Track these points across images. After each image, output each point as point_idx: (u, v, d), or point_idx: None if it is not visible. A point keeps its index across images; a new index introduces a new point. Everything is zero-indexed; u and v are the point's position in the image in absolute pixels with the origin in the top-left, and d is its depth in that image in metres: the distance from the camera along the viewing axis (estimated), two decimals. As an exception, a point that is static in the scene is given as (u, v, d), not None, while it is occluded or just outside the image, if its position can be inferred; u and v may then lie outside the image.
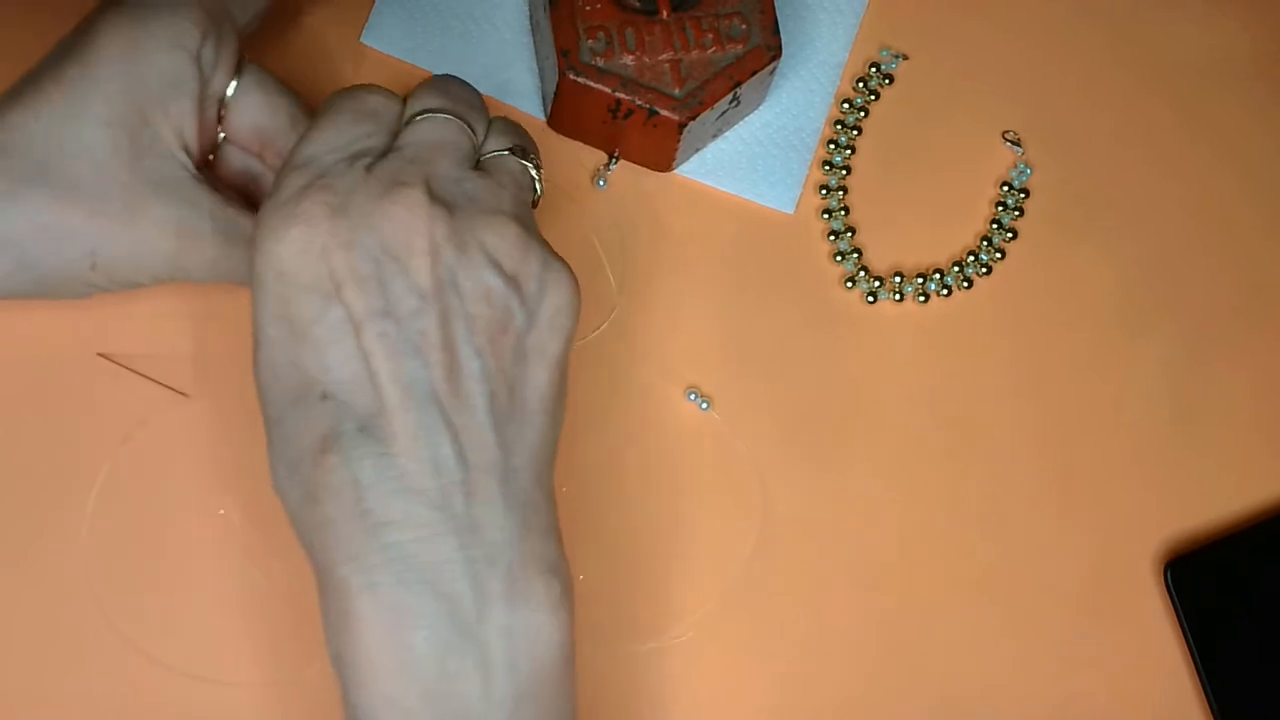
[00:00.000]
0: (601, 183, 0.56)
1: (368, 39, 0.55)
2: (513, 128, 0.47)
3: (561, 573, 0.43)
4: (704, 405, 0.54)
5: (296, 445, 0.42)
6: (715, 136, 0.56)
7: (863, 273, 0.56)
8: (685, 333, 0.55)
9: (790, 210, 0.56)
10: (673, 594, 0.53)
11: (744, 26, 0.53)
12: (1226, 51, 0.60)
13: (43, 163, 0.46)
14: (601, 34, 0.52)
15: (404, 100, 0.46)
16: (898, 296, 0.56)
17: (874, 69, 0.58)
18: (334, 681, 0.50)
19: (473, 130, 0.45)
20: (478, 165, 0.45)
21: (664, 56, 0.53)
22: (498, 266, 0.43)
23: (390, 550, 0.41)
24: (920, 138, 0.58)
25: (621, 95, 0.52)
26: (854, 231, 0.57)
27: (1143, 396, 0.57)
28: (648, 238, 0.55)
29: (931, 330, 0.56)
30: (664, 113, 0.52)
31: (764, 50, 0.53)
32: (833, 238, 0.56)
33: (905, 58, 0.58)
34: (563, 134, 0.56)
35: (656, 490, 0.54)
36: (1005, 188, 0.57)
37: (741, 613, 0.53)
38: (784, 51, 0.54)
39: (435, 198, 0.42)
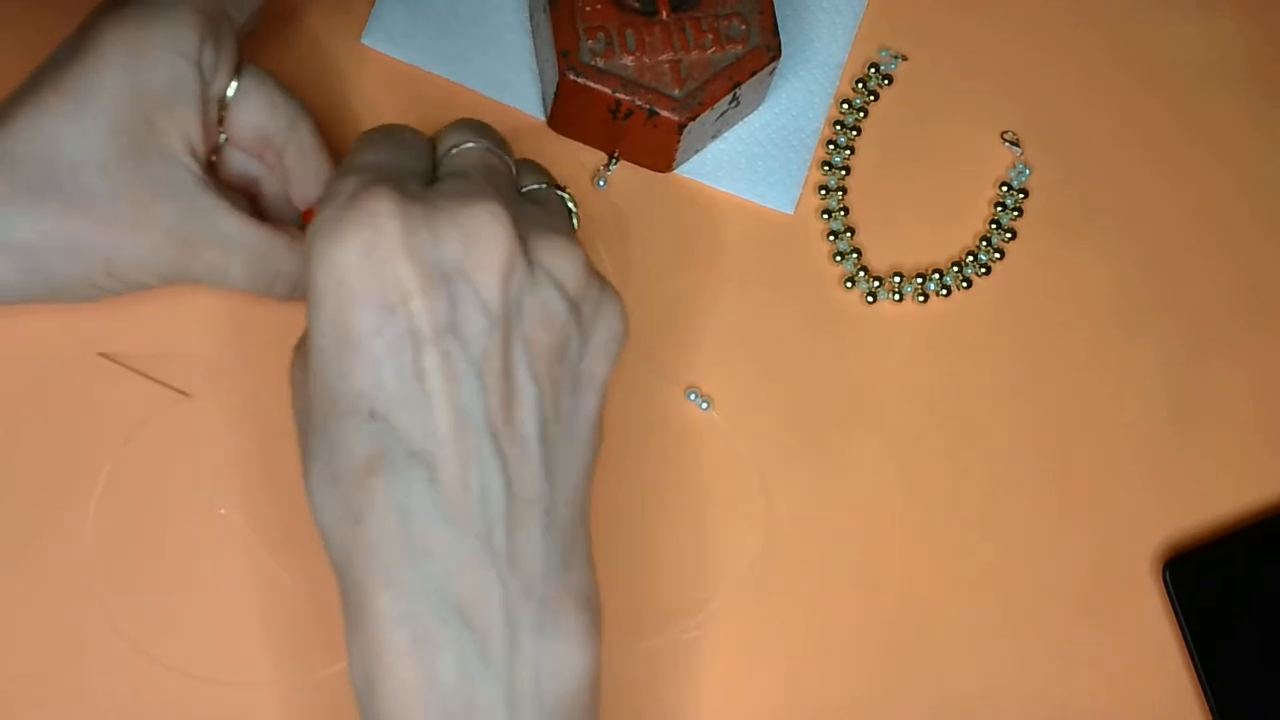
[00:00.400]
0: (601, 183, 0.56)
1: (368, 40, 0.55)
2: (539, 166, 0.47)
3: (594, 604, 0.43)
4: (704, 405, 0.54)
5: (340, 461, 0.41)
6: (715, 137, 0.56)
7: (862, 273, 0.56)
8: (685, 333, 0.55)
9: (790, 211, 0.56)
10: (672, 595, 0.53)
11: (743, 27, 0.53)
12: (1223, 52, 0.60)
13: (49, 172, 0.45)
14: (601, 34, 0.52)
15: (430, 142, 0.46)
16: (897, 297, 0.56)
17: (873, 69, 0.58)
18: (333, 683, 0.50)
19: (509, 164, 0.45)
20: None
21: (664, 57, 0.53)
22: (563, 290, 0.42)
23: (430, 581, 0.40)
24: (919, 138, 0.58)
25: (621, 96, 0.52)
26: (853, 232, 0.57)
27: (1142, 396, 0.57)
28: (647, 238, 0.55)
29: (931, 330, 0.56)
30: (664, 113, 0.52)
31: (763, 51, 0.53)
32: (832, 238, 0.56)
33: (904, 58, 0.58)
34: (563, 134, 0.56)
35: (656, 490, 0.54)
36: (1004, 188, 0.58)
37: (742, 613, 0.53)
38: (783, 52, 0.54)
39: (504, 213, 0.41)
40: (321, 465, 0.41)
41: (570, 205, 0.47)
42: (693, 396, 0.54)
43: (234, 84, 0.49)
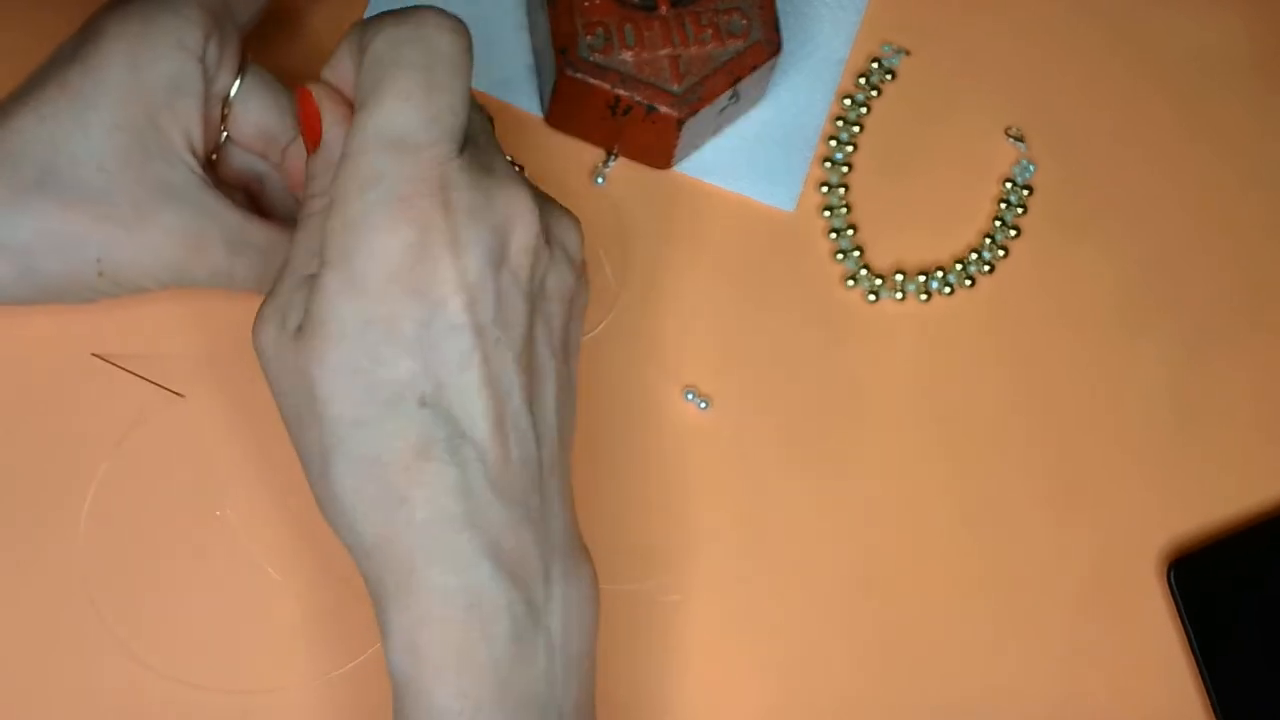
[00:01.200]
0: (600, 180, 0.55)
1: (364, 35, 0.55)
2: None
3: (587, 550, 0.45)
4: (702, 405, 0.54)
5: (381, 446, 0.41)
6: (715, 133, 0.56)
7: (864, 271, 0.56)
8: (685, 331, 0.55)
9: (791, 208, 0.56)
10: (669, 595, 0.53)
11: (744, 22, 0.53)
12: (1226, 48, 0.59)
13: (49, 169, 0.45)
14: (600, 30, 0.52)
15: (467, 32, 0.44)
16: (899, 295, 0.56)
17: (876, 65, 0.57)
18: (335, 686, 0.50)
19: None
20: None
21: (663, 52, 0.52)
22: (575, 265, 0.44)
23: (481, 550, 0.41)
24: (922, 134, 0.57)
25: (620, 92, 0.52)
26: (855, 229, 0.56)
27: (1145, 395, 0.56)
28: (647, 236, 0.55)
29: (933, 329, 0.56)
30: (663, 109, 0.52)
31: (764, 46, 0.53)
32: (834, 235, 0.56)
33: (907, 53, 0.58)
34: (561, 131, 0.55)
35: (655, 491, 0.53)
36: (1008, 185, 0.57)
37: (741, 613, 0.53)
38: (784, 47, 0.54)
39: (530, 191, 0.42)
40: (355, 455, 0.41)
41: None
42: (690, 396, 0.54)
43: (237, 82, 0.48)
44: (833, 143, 0.57)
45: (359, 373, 0.41)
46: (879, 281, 0.56)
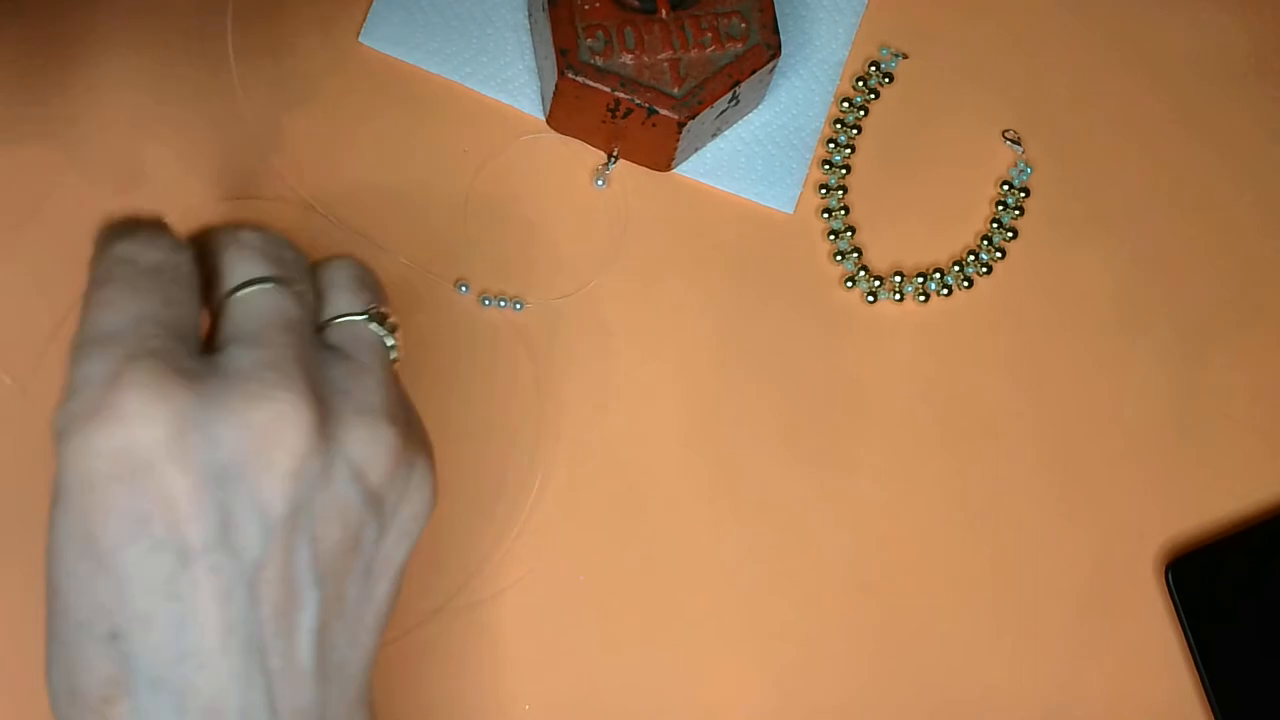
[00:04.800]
0: (601, 182, 0.56)
1: (366, 38, 0.55)
2: (357, 277, 0.41)
3: None
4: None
5: (78, 678, 0.35)
6: (715, 136, 0.56)
7: (863, 272, 0.56)
8: (684, 332, 0.55)
9: (790, 210, 0.56)
10: (670, 595, 0.53)
11: (743, 25, 0.53)
12: (1224, 49, 0.60)
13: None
14: (600, 33, 0.52)
15: (182, 248, 0.38)
16: (898, 296, 0.56)
17: (874, 68, 0.58)
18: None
19: (310, 296, 0.39)
20: (320, 330, 0.39)
21: (663, 55, 0.53)
22: (362, 483, 0.37)
23: None
24: (920, 137, 0.58)
25: (620, 94, 0.52)
26: (854, 231, 0.57)
27: (1143, 396, 0.57)
28: (646, 238, 0.55)
29: (932, 330, 0.56)
30: (663, 112, 0.52)
31: (763, 49, 0.53)
32: (833, 237, 0.56)
33: (905, 57, 0.58)
34: (562, 133, 0.55)
35: (655, 490, 0.53)
36: (1006, 186, 0.57)
37: (740, 613, 0.53)
38: (783, 50, 0.54)
39: (306, 403, 0.35)
40: (59, 674, 0.36)
41: (387, 339, 0.40)
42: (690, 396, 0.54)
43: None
44: (831, 145, 0.57)
45: (62, 588, 0.36)
46: (877, 283, 0.56)
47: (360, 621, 0.38)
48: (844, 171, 0.57)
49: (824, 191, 0.57)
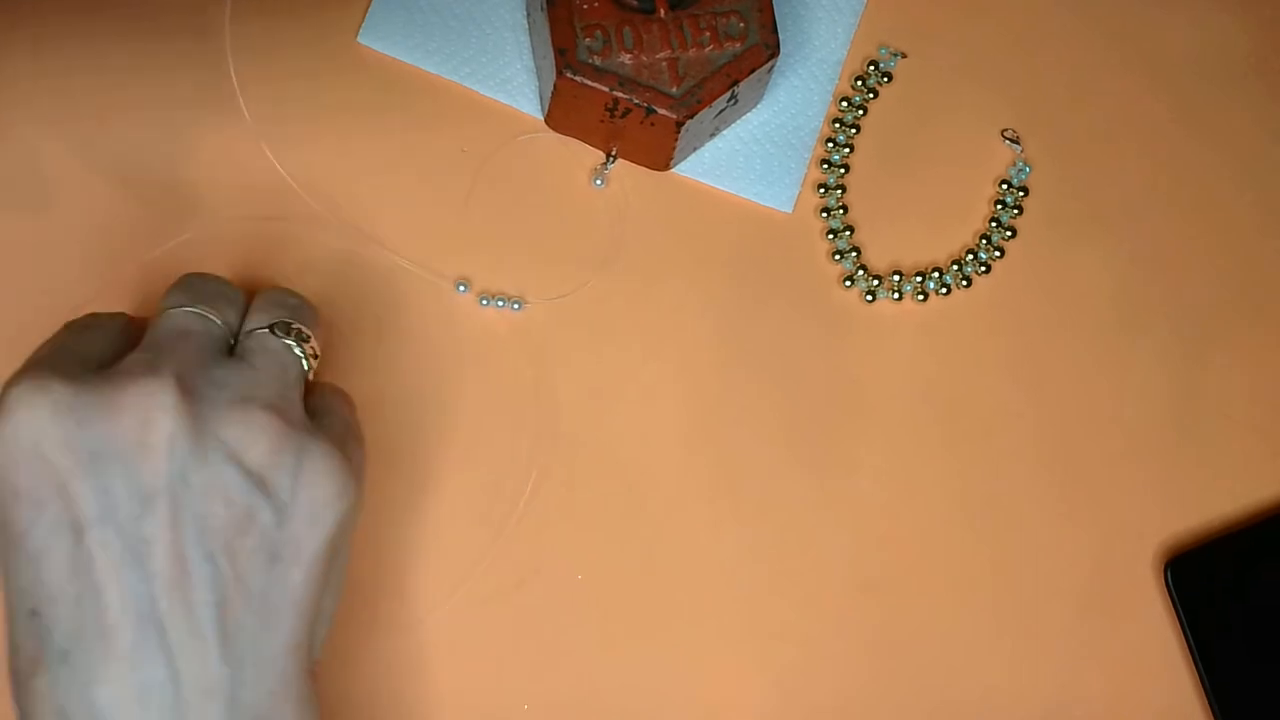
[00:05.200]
0: (599, 182, 0.56)
1: (364, 38, 0.55)
2: (277, 299, 0.45)
3: None
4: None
5: (15, 656, 0.39)
6: (713, 135, 0.56)
7: (861, 271, 0.56)
8: (683, 332, 0.55)
9: (789, 209, 0.56)
10: (670, 595, 0.53)
11: (742, 24, 0.53)
12: (1223, 49, 0.60)
13: None
14: (599, 32, 0.52)
15: (127, 321, 0.45)
16: (896, 295, 0.56)
17: (873, 67, 0.58)
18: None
19: (223, 317, 0.43)
20: (233, 351, 0.43)
21: (661, 55, 0.53)
22: (238, 462, 0.40)
23: None
24: (919, 136, 0.58)
25: (619, 94, 0.52)
26: (853, 230, 0.57)
27: (1142, 395, 0.57)
28: (645, 237, 0.55)
29: (930, 329, 0.56)
30: (661, 111, 0.52)
31: (762, 48, 0.53)
32: (831, 236, 0.56)
33: (904, 56, 0.58)
34: (560, 132, 0.55)
35: (654, 490, 0.53)
36: (1004, 186, 0.57)
37: (740, 613, 0.53)
38: (782, 50, 0.54)
39: (169, 387, 0.39)
40: (9, 655, 0.40)
41: (296, 350, 0.44)
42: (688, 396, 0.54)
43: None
44: (830, 144, 0.57)
45: (3, 565, 0.40)
46: (876, 282, 0.56)
47: (270, 604, 0.40)
48: (843, 171, 0.57)
49: (822, 191, 0.57)
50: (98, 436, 0.39)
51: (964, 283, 0.57)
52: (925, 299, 0.56)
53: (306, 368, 0.44)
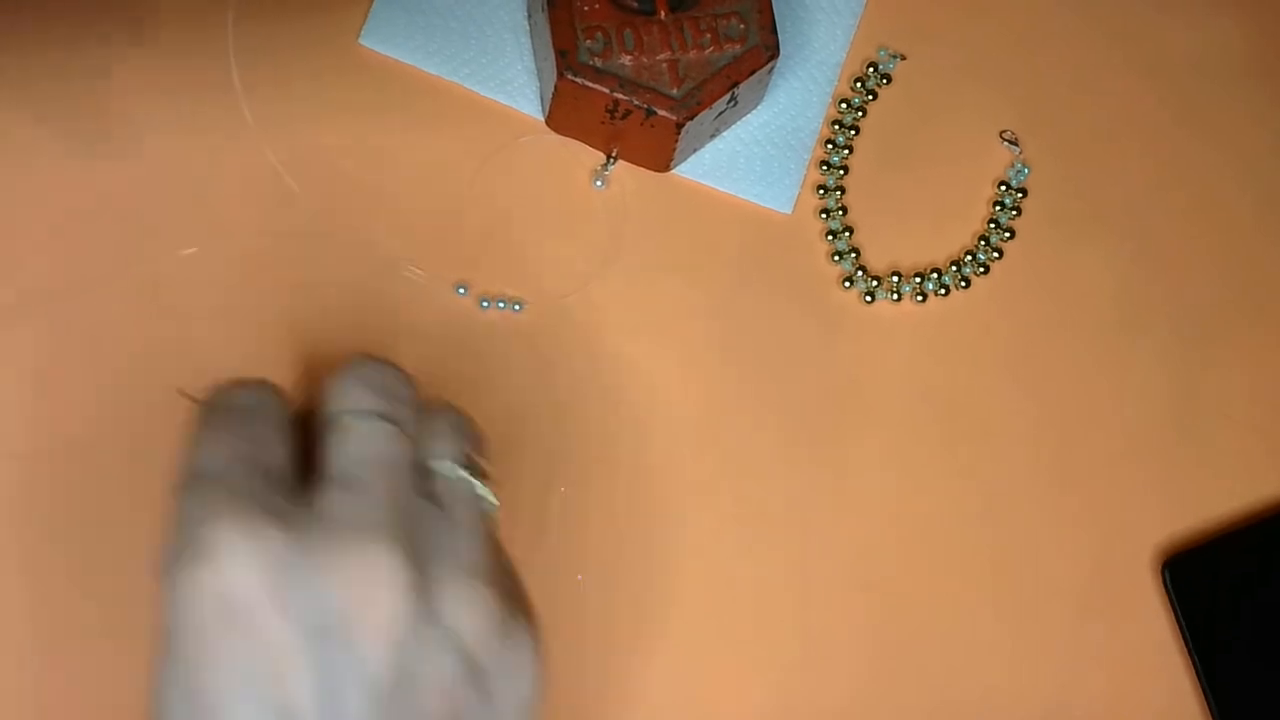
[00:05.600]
0: (599, 183, 0.56)
1: (366, 40, 0.55)
2: (455, 425, 0.40)
3: None
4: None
5: None
6: (713, 137, 0.56)
7: (860, 272, 0.56)
8: (683, 332, 0.55)
9: (788, 210, 0.56)
10: (670, 595, 0.53)
11: (742, 26, 0.53)
12: (1222, 50, 0.60)
13: None
14: (599, 34, 0.52)
15: (275, 392, 0.39)
16: (895, 296, 0.56)
17: (872, 69, 0.58)
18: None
19: (410, 430, 0.38)
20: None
21: (662, 56, 0.53)
22: (463, 651, 0.35)
23: None
24: (918, 137, 0.58)
25: (619, 95, 0.52)
26: (852, 231, 0.57)
27: (1142, 395, 0.57)
28: (645, 238, 0.55)
29: (929, 330, 0.56)
30: (662, 113, 0.52)
31: (762, 50, 0.53)
32: (830, 238, 0.56)
33: (903, 58, 0.58)
34: (561, 134, 0.56)
35: (653, 490, 0.54)
36: (1003, 187, 0.57)
37: (738, 613, 0.53)
38: (782, 51, 0.54)
39: (397, 558, 0.34)
40: None
41: (483, 491, 0.39)
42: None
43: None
44: (829, 146, 0.57)
45: None
46: (875, 283, 0.56)
47: None
48: (842, 172, 0.57)
49: (822, 192, 0.57)
50: (322, 610, 0.34)
51: (963, 284, 0.57)
52: (924, 300, 0.56)
53: (493, 513, 0.39)
